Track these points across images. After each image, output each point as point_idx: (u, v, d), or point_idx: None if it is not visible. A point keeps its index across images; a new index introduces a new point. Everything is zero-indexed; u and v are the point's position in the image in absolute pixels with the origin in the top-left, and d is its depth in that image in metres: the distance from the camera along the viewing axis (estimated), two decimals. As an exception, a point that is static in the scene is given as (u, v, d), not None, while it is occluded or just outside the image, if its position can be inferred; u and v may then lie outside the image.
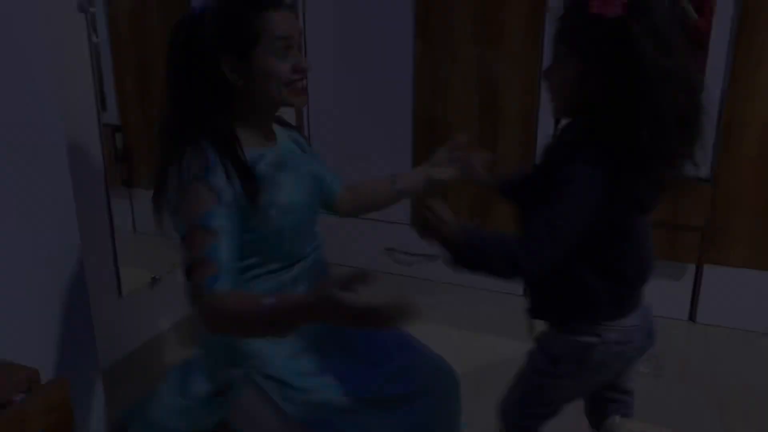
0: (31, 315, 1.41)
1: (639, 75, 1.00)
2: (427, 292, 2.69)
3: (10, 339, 1.33)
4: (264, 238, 1.28)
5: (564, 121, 1.26)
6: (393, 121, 2.69)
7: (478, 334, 2.46)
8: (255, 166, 1.27)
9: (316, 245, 1.43)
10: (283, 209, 1.29)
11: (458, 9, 2.48)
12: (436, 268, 2.68)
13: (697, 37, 2.14)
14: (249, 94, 1.29)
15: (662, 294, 2.32)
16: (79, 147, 1.84)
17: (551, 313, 1.33)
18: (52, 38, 1.39)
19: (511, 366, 1.48)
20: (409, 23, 2.55)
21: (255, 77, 1.27)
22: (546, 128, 2.45)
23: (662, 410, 2.07)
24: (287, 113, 1.49)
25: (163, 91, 1.30)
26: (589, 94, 1.09)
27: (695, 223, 2.34)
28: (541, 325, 1.39)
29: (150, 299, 2.21)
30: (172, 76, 1.29)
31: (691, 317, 2.48)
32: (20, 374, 1.19)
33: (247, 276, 1.30)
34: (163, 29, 2.65)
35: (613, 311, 1.25)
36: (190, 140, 1.24)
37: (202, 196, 1.18)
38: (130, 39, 2.66)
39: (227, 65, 1.26)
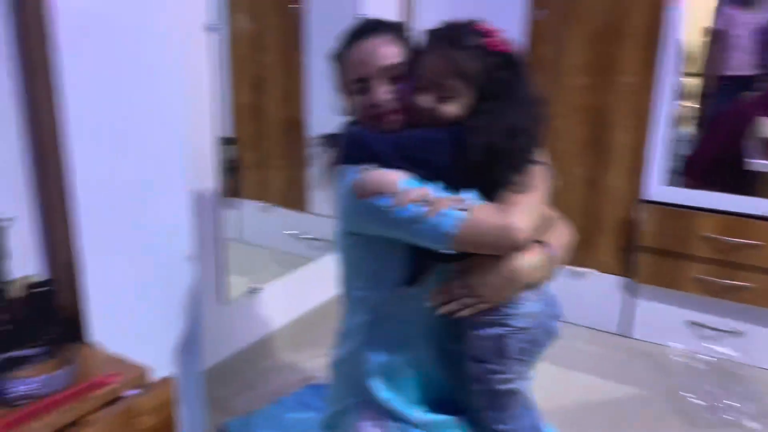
0: (146, 315, 1.49)
1: (515, 97, 1.19)
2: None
3: (125, 337, 1.40)
4: None
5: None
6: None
7: (572, 372, 2.38)
8: None
9: None
10: None
11: (569, 38, 2.44)
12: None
13: None
14: None
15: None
16: (196, 158, 1.92)
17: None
18: (180, 53, 1.47)
19: (604, 408, 1.41)
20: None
21: (354, 114, 1.32)
22: (657, 160, 2.37)
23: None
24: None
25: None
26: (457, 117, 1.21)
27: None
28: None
29: (250, 307, 2.28)
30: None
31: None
32: (133, 371, 1.26)
33: None
34: (280, 48, 2.89)
35: None
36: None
37: (387, 173, 1.20)
38: (248, 56, 2.82)
39: (343, 100, 1.34)
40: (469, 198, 1.18)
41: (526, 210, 1.18)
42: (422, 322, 1.33)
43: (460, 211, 1.16)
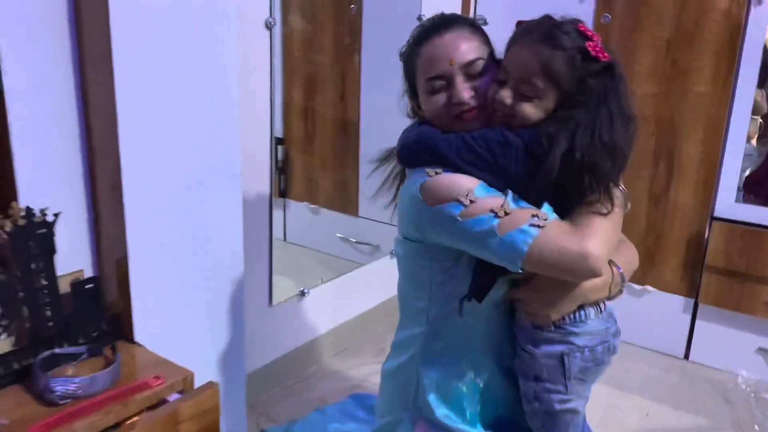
0: (191, 317, 1.46)
1: (608, 109, 1.10)
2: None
3: (170, 338, 1.38)
4: None
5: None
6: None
7: (629, 395, 2.26)
8: None
9: None
10: None
11: (637, 44, 2.33)
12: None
13: None
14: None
15: None
16: (251, 158, 1.90)
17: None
18: (240, 49, 1.44)
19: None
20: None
21: (425, 113, 1.25)
22: (730, 176, 2.24)
23: None
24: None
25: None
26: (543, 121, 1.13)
27: None
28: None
29: (296, 311, 2.24)
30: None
31: None
32: (177, 375, 1.22)
33: None
34: (336, 49, 2.86)
35: None
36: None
37: (459, 178, 1.13)
38: (301, 57, 2.80)
39: (411, 101, 1.27)
40: (547, 213, 1.10)
41: (604, 236, 1.09)
42: (482, 337, 1.27)
43: (536, 227, 1.07)
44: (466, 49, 1.17)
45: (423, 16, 2.37)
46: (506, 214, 1.08)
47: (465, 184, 1.11)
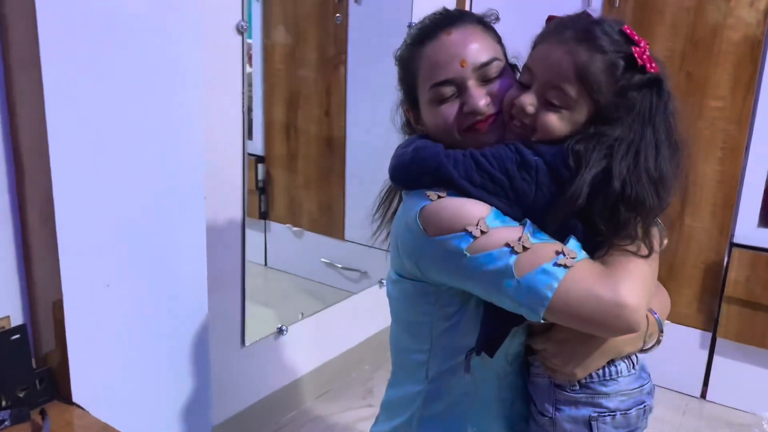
0: (144, 372, 1.27)
1: (653, 131, 0.92)
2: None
3: (117, 399, 1.20)
4: None
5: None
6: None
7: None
8: None
9: None
10: None
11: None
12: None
13: None
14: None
15: None
16: (220, 175, 1.72)
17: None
18: (209, 59, 1.28)
19: None
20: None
21: (428, 126, 1.05)
22: (751, 198, 2.09)
23: None
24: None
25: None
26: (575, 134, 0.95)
27: None
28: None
29: (273, 351, 2.05)
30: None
31: None
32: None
33: None
34: (321, 63, 2.70)
35: None
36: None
37: (467, 203, 0.94)
38: (283, 70, 2.65)
39: (407, 113, 1.11)
40: (575, 249, 0.90)
41: (643, 283, 0.90)
42: (492, 397, 1.08)
43: (562, 267, 0.87)
44: (479, 48, 0.98)
45: (413, 24, 2.20)
46: (525, 249, 0.89)
47: (475, 210, 0.92)
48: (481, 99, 0.97)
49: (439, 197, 0.94)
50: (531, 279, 0.88)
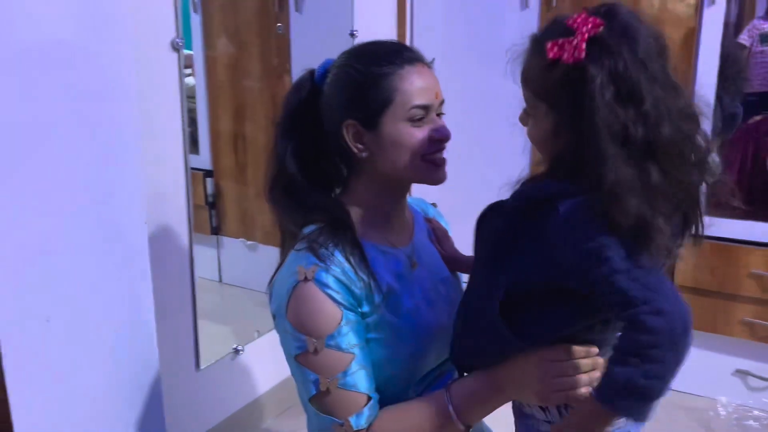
0: (90, 406, 1.21)
1: (593, 126, 0.81)
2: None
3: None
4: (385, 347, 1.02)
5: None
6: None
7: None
8: (376, 272, 1.01)
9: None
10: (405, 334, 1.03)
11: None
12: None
13: None
14: (374, 168, 1.04)
15: None
16: (164, 191, 1.67)
17: None
18: (144, 75, 1.22)
19: None
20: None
21: (384, 147, 1.01)
22: None
23: None
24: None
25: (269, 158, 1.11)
26: (561, 144, 0.88)
27: None
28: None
29: (230, 371, 1.99)
30: (281, 143, 1.07)
31: None
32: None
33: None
34: (265, 73, 2.65)
35: None
36: (297, 223, 1.07)
37: (324, 308, 0.95)
38: (227, 82, 2.59)
39: (350, 131, 1.02)
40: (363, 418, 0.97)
41: None
42: None
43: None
44: (438, 86, 1.04)
45: (355, 32, 2.20)
46: (328, 391, 0.94)
47: (326, 322, 0.94)
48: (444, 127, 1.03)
49: (306, 279, 0.94)
50: (322, 419, 0.95)
